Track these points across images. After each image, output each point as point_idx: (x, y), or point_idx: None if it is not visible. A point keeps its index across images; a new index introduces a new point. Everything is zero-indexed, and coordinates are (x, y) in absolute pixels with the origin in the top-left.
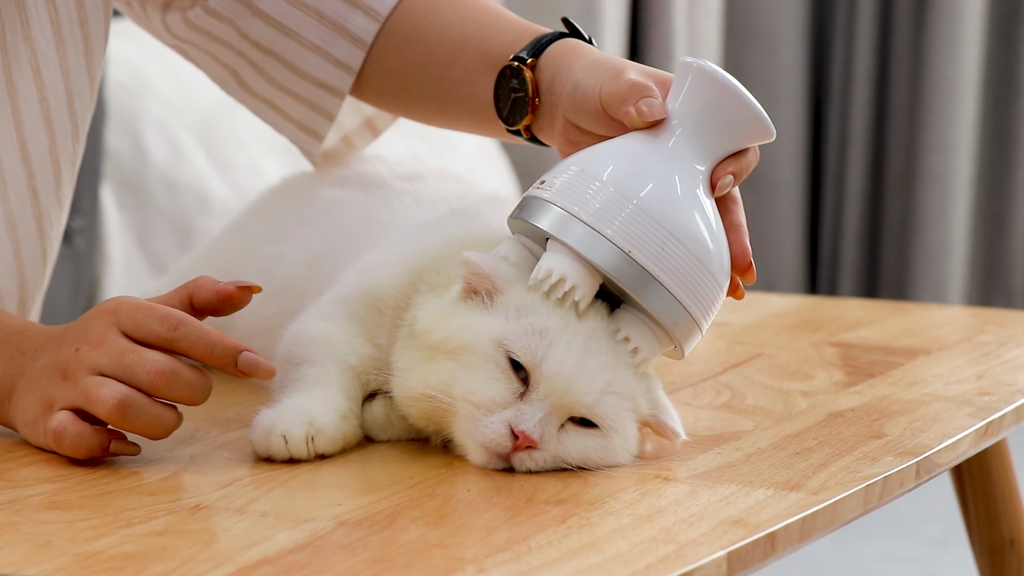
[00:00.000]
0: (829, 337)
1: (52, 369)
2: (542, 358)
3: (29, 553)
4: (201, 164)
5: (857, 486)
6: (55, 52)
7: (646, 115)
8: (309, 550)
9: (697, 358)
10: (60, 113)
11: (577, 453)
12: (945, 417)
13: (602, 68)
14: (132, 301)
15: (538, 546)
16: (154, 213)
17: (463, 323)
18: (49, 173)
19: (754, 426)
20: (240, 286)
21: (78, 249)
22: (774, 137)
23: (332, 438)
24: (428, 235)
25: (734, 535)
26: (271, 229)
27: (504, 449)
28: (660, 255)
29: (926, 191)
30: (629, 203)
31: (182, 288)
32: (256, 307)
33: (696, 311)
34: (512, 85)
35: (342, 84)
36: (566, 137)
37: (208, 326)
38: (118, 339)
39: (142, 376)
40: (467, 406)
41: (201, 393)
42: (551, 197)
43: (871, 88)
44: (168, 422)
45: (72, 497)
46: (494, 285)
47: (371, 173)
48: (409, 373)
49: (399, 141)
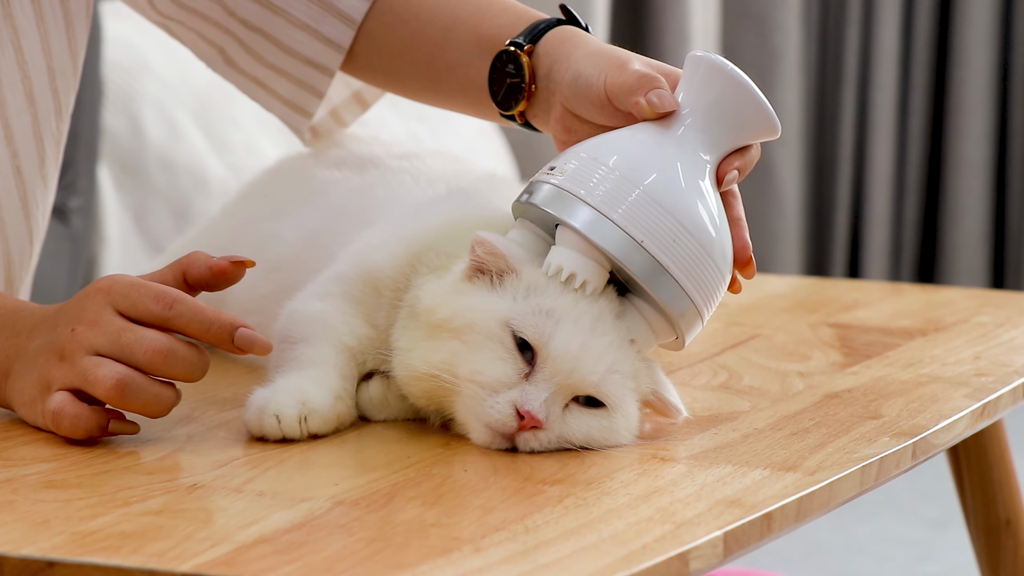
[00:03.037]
0: (826, 318)
1: (49, 350)
2: (549, 337)
3: (26, 532)
4: (198, 144)
5: (854, 467)
6: (36, 30)
7: (657, 106)
8: (306, 529)
9: (694, 339)
10: (43, 91)
11: (581, 433)
12: (942, 398)
13: (605, 58)
14: (126, 279)
15: (535, 526)
16: (151, 193)
17: (469, 302)
18: (33, 152)
19: (751, 407)
20: (233, 261)
21: (75, 229)
22: (779, 134)
23: (325, 418)
24: (426, 215)
25: (730, 515)
26: (267, 208)
27: (509, 429)
28: (671, 246)
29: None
30: (636, 189)
31: (175, 264)
32: (252, 285)
33: (701, 302)
34: (508, 71)
35: (331, 62)
36: (563, 125)
37: (203, 303)
38: (114, 318)
39: (139, 355)
40: (472, 386)
41: (199, 370)
42: (561, 183)
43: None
44: (167, 400)
45: (69, 476)
46: (508, 266)
47: (367, 153)
48: (411, 352)
49: (397, 122)
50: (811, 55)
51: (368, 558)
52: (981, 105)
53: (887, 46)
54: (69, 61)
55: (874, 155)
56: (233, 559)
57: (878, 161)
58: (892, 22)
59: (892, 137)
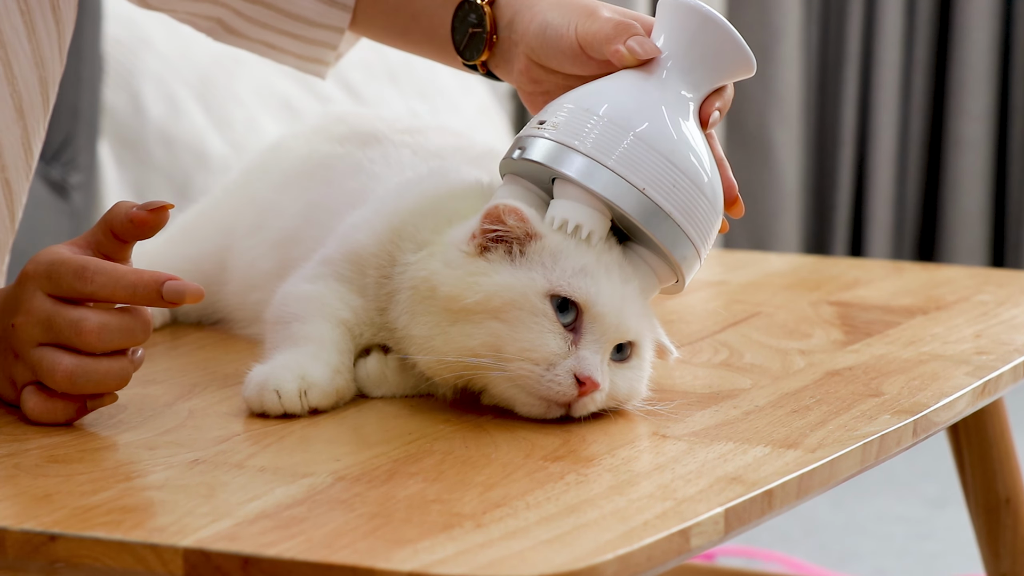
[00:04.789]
0: (827, 296)
1: (4, 347)
2: (596, 295)
3: (28, 506)
4: (199, 120)
5: (854, 444)
6: (28, 43)
7: (639, 53)
8: (307, 505)
9: (695, 316)
10: (33, 103)
11: (624, 386)
12: (942, 376)
13: (572, 7)
14: (48, 258)
15: (536, 502)
16: (152, 169)
17: (501, 281)
18: (22, 162)
19: (752, 384)
20: (151, 208)
21: (76, 205)
22: (755, 71)
23: (325, 391)
24: (406, 193)
25: (732, 492)
26: (269, 183)
27: (570, 398)
28: (670, 190)
29: (952, 156)
30: (630, 135)
31: (102, 221)
32: (254, 260)
33: (700, 244)
34: (470, 20)
35: (340, 21)
36: (529, 76)
37: (124, 267)
38: (44, 303)
39: (75, 339)
40: (525, 364)
41: (140, 333)
42: (554, 135)
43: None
44: (120, 372)
45: (71, 451)
46: (534, 231)
47: (369, 128)
48: (435, 339)
49: (397, 99)
50: (812, 33)
51: (369, 533)
52: (982, 83)
53: (889, 24)
54: (58, 63)
55: (875, 133)
56: (235, 534)
57: (880, 139)
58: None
59: (894, 115)
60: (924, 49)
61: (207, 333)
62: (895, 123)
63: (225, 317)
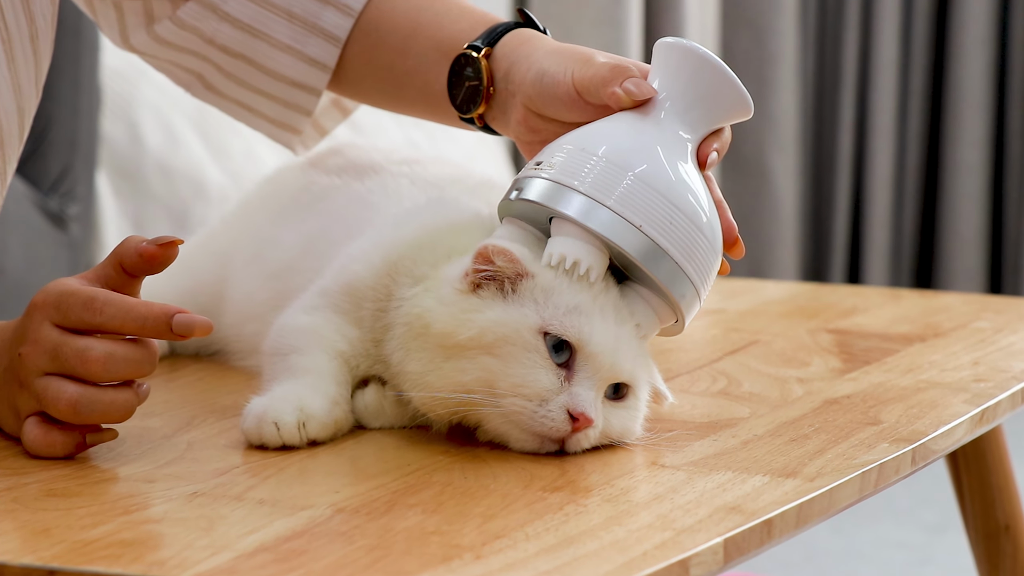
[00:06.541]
0: (825, 324)
1: (11, 378)
2: (589, 334)
3: (26, 540)
4: (197, 151)
5: (853, 473)
6: (7, 71)
7: (635, 94)
8: (307, 537)
9: (693, 345)
10: (11, 134)
11: (619, 425)
12: (941, 404)
13: (568, 55)
14: (58, 289)
15: (535, 533)
16: (150, 200)
17: (494, 317)
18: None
19: (750, 413)
20: (161, 243)
21: (74, 236)
22: (752, 114)
23: (323, 423)
24: (404, 224)
25: (731, 522)
26: (266, 215)
27: (563, 434)
28: (668, 228)
29: (949, 182)
30: (629, 174)
31: (112, 254)
32: (251, 292)
33: (699, 283)
34: (467, 74)
35: (318, 82)
36: (527, 126)
37: (133, 298)
38: (51, 333)
39: (80, 368)
40: (517, 400)
41: (146, 364)
42: (552, 175)
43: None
44: (124, 404)
45: (70, 484)
46: (525, 271)
47: (366, 159)
48: (429, 374)
49: (395, 129)
50: (808, 60)
51: (369, 566)
52: (978, 109)
53: (885, 50)
54: (34, 95)
55: (872, 159)
56: (234, 567)
57: (876, 165)
58: (890, 26)
59: (890, 141)
60: (920, 75)
61: (204, 365)
62: (892, 149)
63: (222, 348)
